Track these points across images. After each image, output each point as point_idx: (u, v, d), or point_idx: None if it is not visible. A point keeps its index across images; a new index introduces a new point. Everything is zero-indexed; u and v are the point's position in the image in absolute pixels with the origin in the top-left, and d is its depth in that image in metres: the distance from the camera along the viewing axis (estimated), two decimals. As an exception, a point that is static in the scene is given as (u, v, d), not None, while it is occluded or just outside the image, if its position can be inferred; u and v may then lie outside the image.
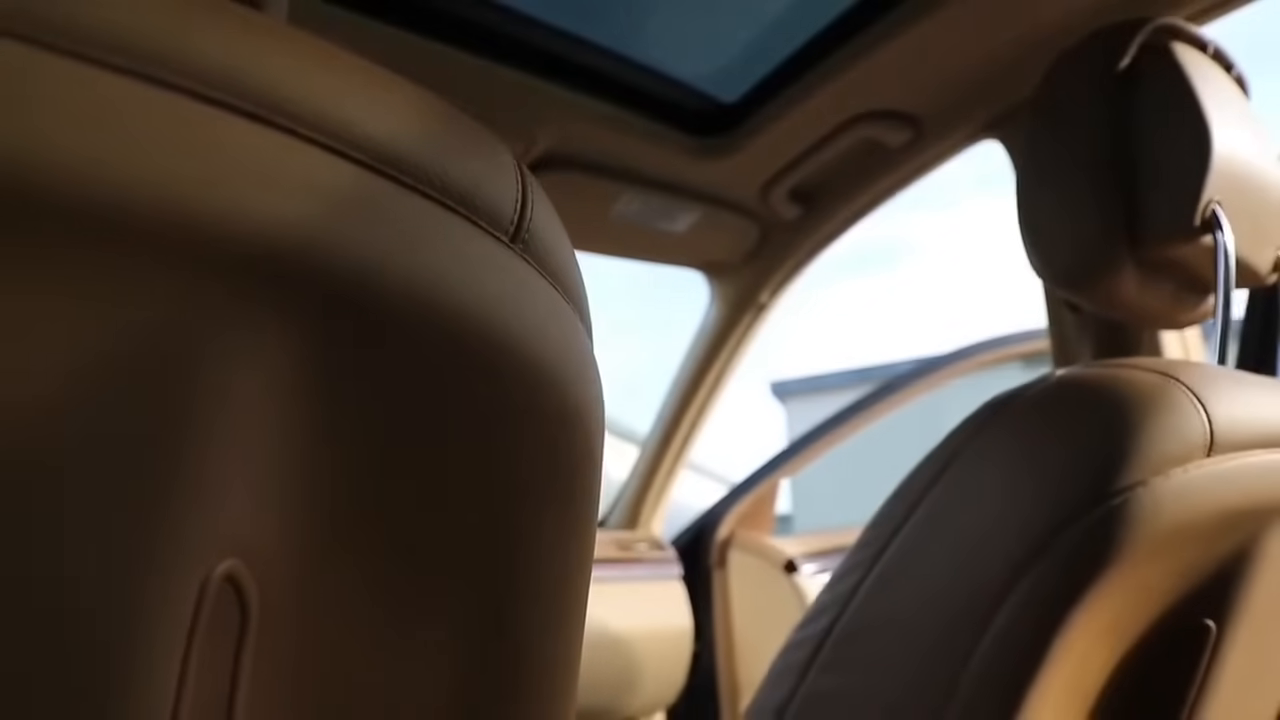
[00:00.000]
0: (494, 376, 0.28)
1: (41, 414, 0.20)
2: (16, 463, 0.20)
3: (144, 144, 0.21)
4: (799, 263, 1.36)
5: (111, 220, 0.21)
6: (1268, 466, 0.54)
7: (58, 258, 0.20)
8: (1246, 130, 0.68)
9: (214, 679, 0.25)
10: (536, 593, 0.32)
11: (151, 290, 0.21)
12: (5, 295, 0.20)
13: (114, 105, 0.21)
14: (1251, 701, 0.65)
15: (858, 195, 1.22)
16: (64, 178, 0.20)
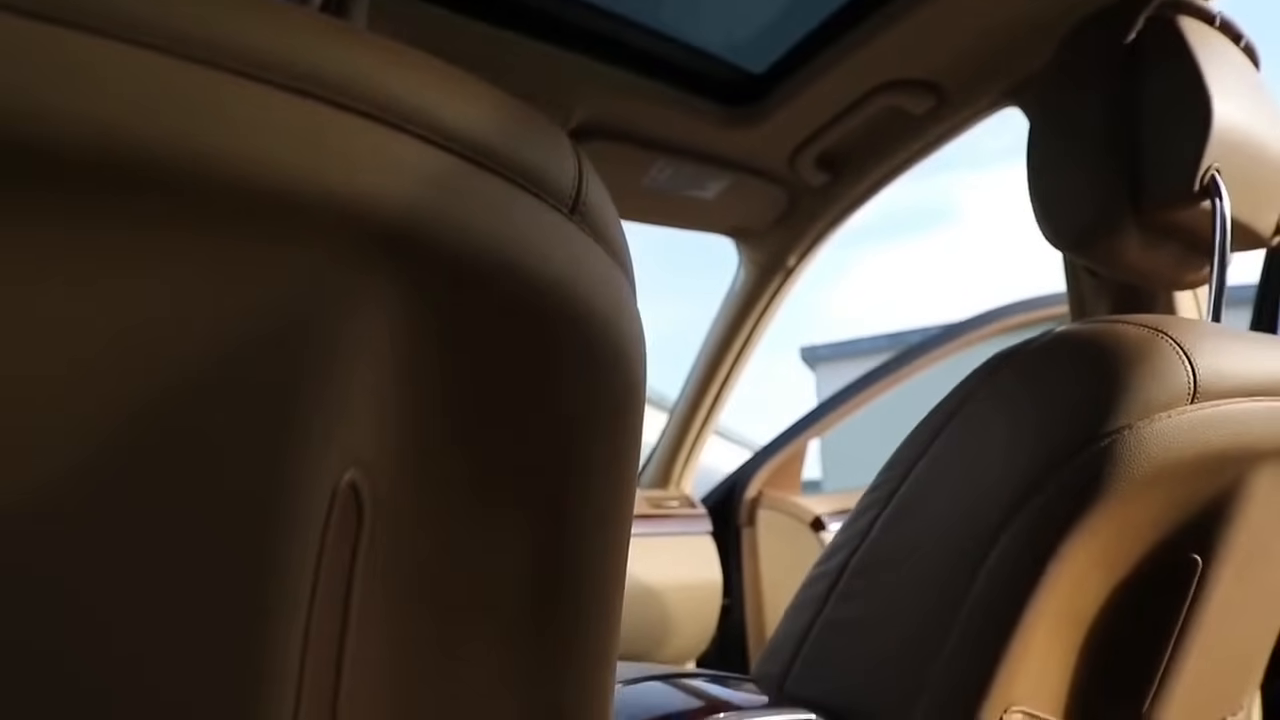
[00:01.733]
0: (557, 327, 0.34)
1: (203, 367, 0.26)
2: (185, 406, 0.26)
3: (282, 142, 0.27)
4: (826, 227, 1.40)
5: (260, 207, 0.26)
6: (1249, 413, 0.59)
7: (213, 240, 0.26)
8: (1251, 99, 0.71)
9: (338, 570, 0.31)
10: (589, 502, 0.38)
11: (288, 263, 0.27)
12: (173, 270, 0.26)
13: (265, 112, 0.27)
14: (1235, 632, 0.70)
15: (883, 161, 1.26)
16: (229, 174, 0.26)
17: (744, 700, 0.61)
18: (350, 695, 0.33)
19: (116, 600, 0.26)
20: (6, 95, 0.21)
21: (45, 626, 0.25)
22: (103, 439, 0.25)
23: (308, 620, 0.30)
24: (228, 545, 0.27)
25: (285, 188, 0.26)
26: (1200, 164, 0.65)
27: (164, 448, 0.26)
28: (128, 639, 0.26)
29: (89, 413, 0.24)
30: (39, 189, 0.22)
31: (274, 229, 0.26)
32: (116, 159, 0.23)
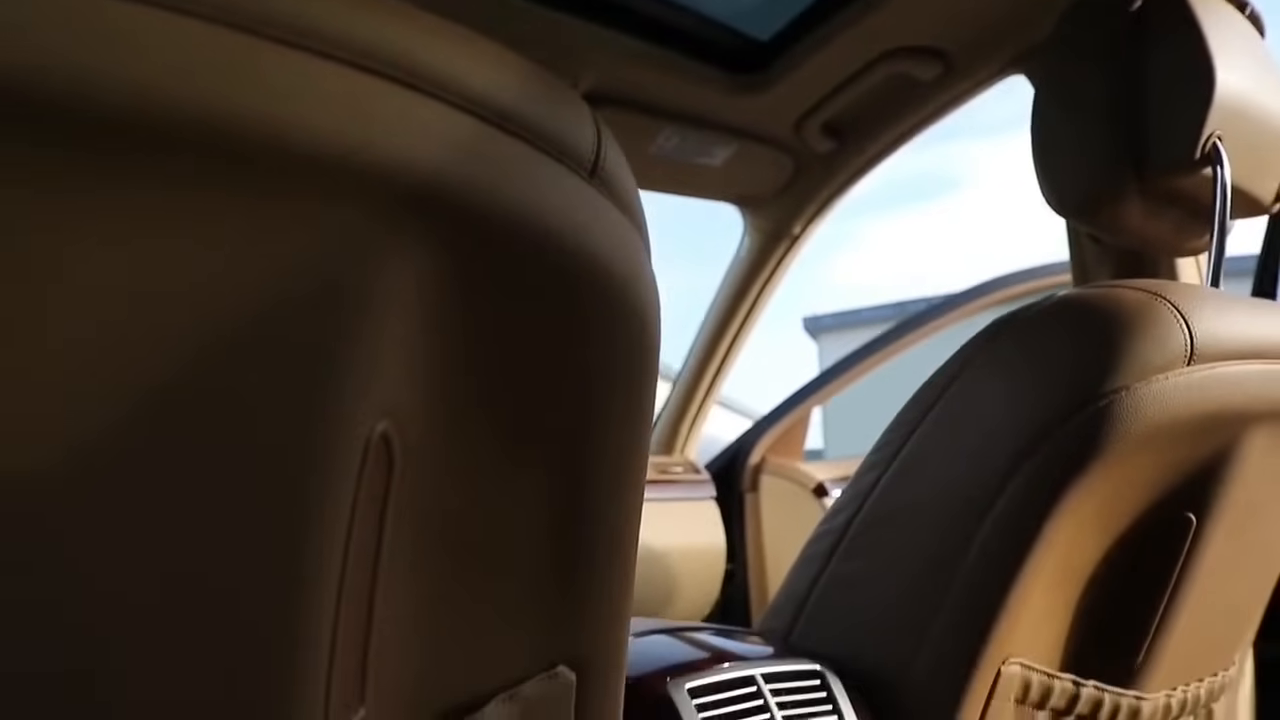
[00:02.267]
0: (577, 286, 0.35)
1: (238, 325, 0.28)
2: (221, 364, 0.27)
3: (315, 106, 0.28)
4: (832, 195, 1.41)
5: (294, 169, 0.28)
6: (1244, 375, 0.60)
7: (248, 202, 0.27)
8: (1255, 66, 0.72)
9: (370, 518, 0.33)
10: (606, 459, 0.40)
11: (321, 224, 0.28)
12: (208, 231, 0.27)
13: (299, 77, 0.28)
14: (1227, 590, 0.72)
15: (889, 128, 1.26)
16: (263, 137, 0.27)
17: (749, 651, 0.63)
18: (379, 638, 0.35)
19: (157, 554, 0.27)
20: (47, 60, 0.22)
21: (86, 581, 0.26)
22: (139, 397, 0.26)
23: (343, 567, 0.32)
24: (266, 496, 0.29)
25: (318, 150, 0.28)
26: (1202, 131, 0.66)
27: (200, 405, 0.27)
28: (168, 591, 0.28)
29: (125, 371, 0.26)
30: (77, 150, 0.24)
31: (307, 190, 0.28)
32: (152, 121, 0.24)
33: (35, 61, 0.22)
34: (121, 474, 0.26)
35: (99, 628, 0.27)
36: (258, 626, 0.30)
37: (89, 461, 0.25)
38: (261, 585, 0.30)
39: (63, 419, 0.25)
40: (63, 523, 0.25)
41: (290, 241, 0.28)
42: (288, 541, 0.30)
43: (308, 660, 0.31)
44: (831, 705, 0.59)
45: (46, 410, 0.25)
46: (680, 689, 0.54)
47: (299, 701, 0.31)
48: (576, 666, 0.43)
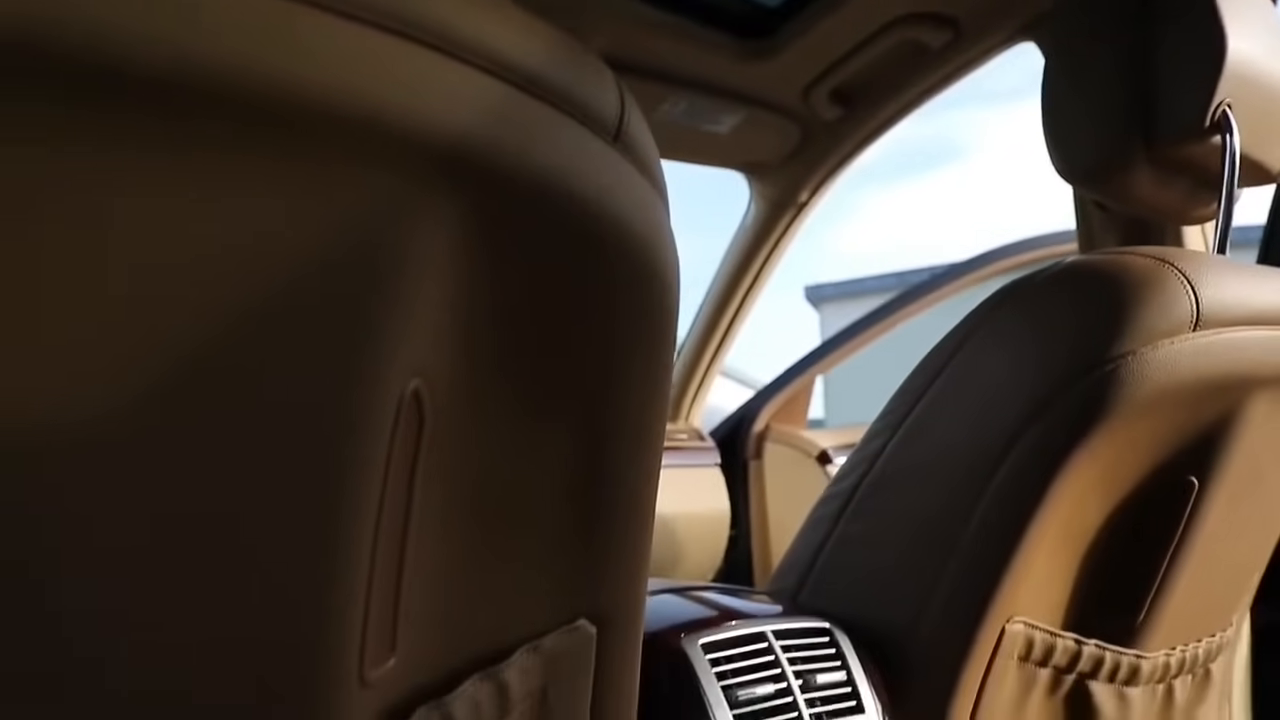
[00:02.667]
0: (600, 248, 0.36)
1: (283, 285, 0.28)
2: (267, 322, 0.28)
3: (352, 70, 0.29)
4: (839, 162, 1.40)
5: (333, 132, 0.28)
6: (1249, 341, 0.61)
7: (289, 164, 0.28)
8: (1266, 34, 0.72)
9: (402, 474, 0.34)
10: (626, 420, 0.41)
11: (359, 186, 0.29)
12: (256, 195, 0.28)
13: (337, 41, 0.28)
14: (1227, 553, 0.73)
15: (898, 95, 1.26)
16: (301, 100, 0.27)
17: (760, 610, 0.64)
18: (409, 591, 0.36)
19: (199, 509, 0.28)
20: (94, 24, 0.23)
21: (139, 527, 0.27)
22: (184, 355, 0.27)
23: (377, 523, 0.33)
24: (304, 454, 0.30)
25: (357, 114, 0.28)
26: (1213, 99, 0.67)
27: (242, 365, 0.28)
28: (210, 544, 0.29)
29: (169, 330, 0.26)
30: (121, 112, 0.24)
31: (345, 154, 0.28)
32: (195, 84, 0.25)
33: (81, 25, 0.22)
34: (166, 429, 0.27)
35: (147, 577, 0.28)
36: (296, 579, 0.31)
37: (134, 415, 0.26)
38: (300, 540, 0.31)
39: (112, 372, 0.26)
40: (113, 476, 0.26)
41: (328, 204, 0.29)
42: (325, 498, 0.31)
43: (344, 612, 0.32)
44: (840, 661, 0.60)
45: (97, 361, 0.25)
46: (694, 644, 0.55)
47: (336, 652, 0.32)
48: (597, 620, 0.44)
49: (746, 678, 0.55)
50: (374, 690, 0.35)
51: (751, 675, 0.56)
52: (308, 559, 0.31)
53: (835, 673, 0.59)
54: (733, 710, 0.53)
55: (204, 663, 0.29)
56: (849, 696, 0.59)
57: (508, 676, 0.40)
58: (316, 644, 0.32)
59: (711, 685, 0.53)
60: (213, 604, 0.29)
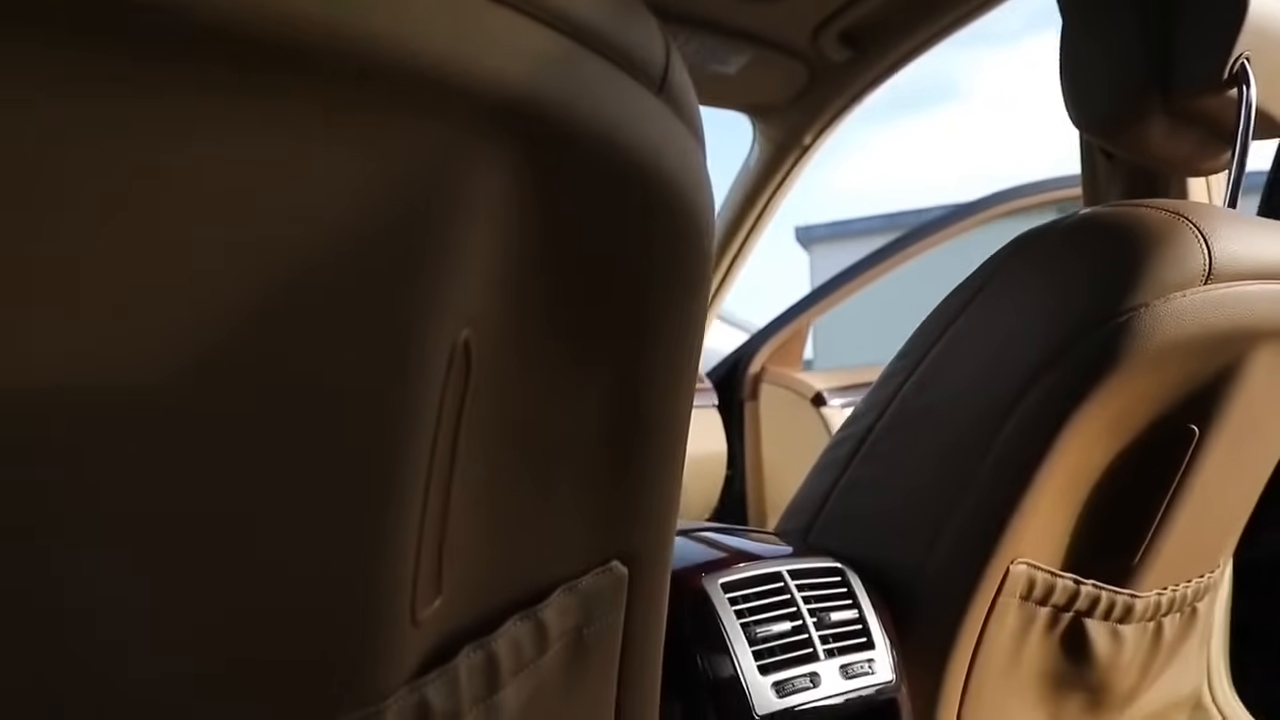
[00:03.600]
0: (645, 198, 0.36)
1: (347, 235, 0.29)
2: (333, 272, 0.29)
3: (414, 20, 0.29)
4: (845, 105, 1.40)
5: (396, 85, 0.29)
6: (1258, 294, 0.62)
7: (350, 116, 0.28)
8: None
9: (451, 416, 0.35)
10: (662, 365, 0.42)
11: (412, 135, 0.29)
12: (310, 145, 0.28)
13: None
14: (1221, 498, 0.76)
15: (907, 38, 1.25)
16: (366, 50, 0.28)
17: (774, 550, 0.66)
18: (454, 534, 0.37)
19: (266, 456, 0.29)
20: None
21: (205, 474, 0.28)
22: (253, 302, 0.28)
23: (429, 469, 0.34)
24: (363, 401, 0.31)
25: (417, 64, 0.28)
26: (1232, 52, 0.67)
27: (306, 313, 0.29)
28: (275, 490, 0.30)
29: (238, 277, 0.27)
30: (183, 63, 0.24)
31: (406, 104, 0.29)
32: (246, 31, 0.25)
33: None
34: (229, 385, 0.27)
35: (218, 520, 0.29)
36: (355, 525, 0.32)
37: (196, 372, 0.27)
38: (357, 488, 0.32)
39: (176, 327, 0.26)
40: (185, 424, 0.27)
41: (384, 155, 0.29)
42: (382, 447, 0.32)
43: (398, 555, 0.34)
44: (851, 600, 0.63)
45: (161, 317, 0.26)
46: (715, 583, 0.57)
47: (391, 593, 0.34)
48: (628, 561, 0.46)
49: (764, 615, 0.58)
50: (423, 630, 0.37)
51: (769, 614, 0.58)
52: (366, 506, 0.32)
53: (847, 610, 0.61)
54: (751, 647, 0.56)
55: (268, 611, 0.31)
56: (860, 633, 0.61)
57: (546, 616, 0.42)
58: (374, 586, 0.33)
59: (731, 623, 0.56)
60: (276, 551, 0.30)
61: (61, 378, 0.25)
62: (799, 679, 0.56)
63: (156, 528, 0.27)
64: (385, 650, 0.35)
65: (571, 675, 0.45)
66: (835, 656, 0.59)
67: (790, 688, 0.56)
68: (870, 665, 0.60)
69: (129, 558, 0.27)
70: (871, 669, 0.60)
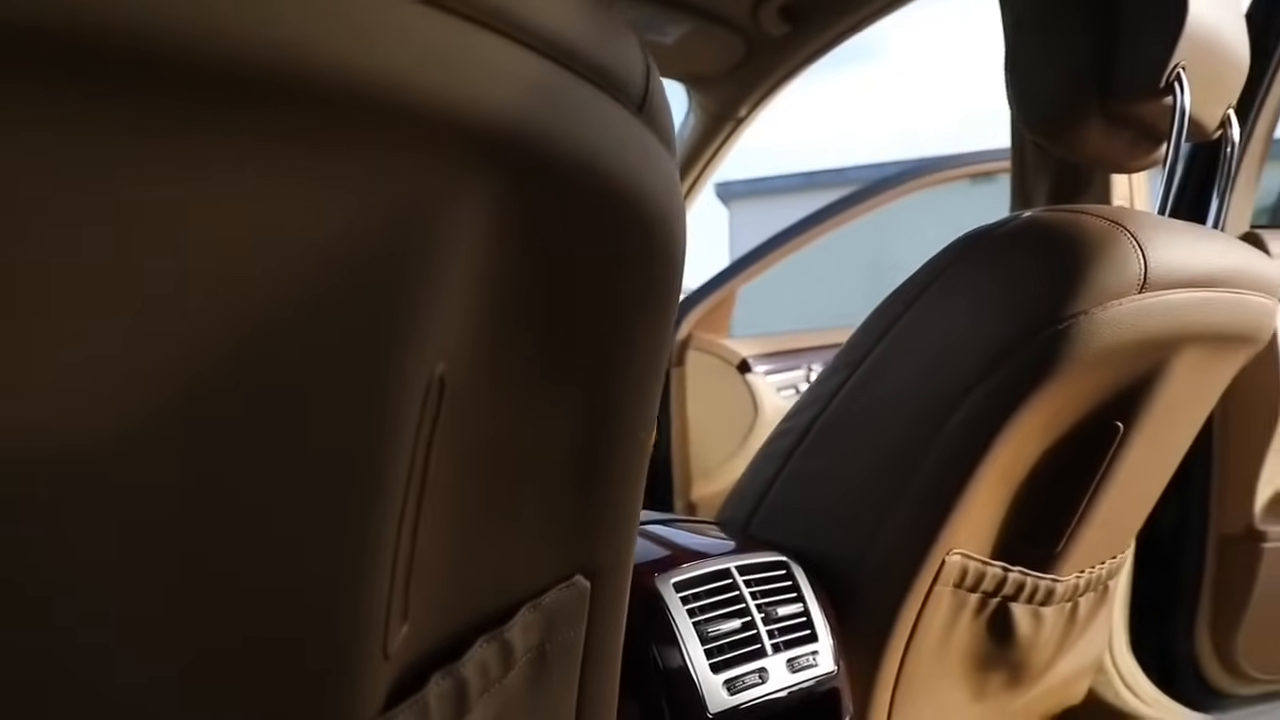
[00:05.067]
0: (622, 222, 0.36)
1: (327, 270, 0.28)
2: (306, 304, 0.28)
3: (399, 48, 0.27)
4: (782, 78, 1.39)
5: (381, 113, 0.27)
6: (1184, 302, 0.65)
7: (328, 149, 0.27)
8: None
9: (422, 444, 0.34)
10: (630, 379, 0.41)
11: (401, 171, 0.28)
12: (292, 179, 0.26)
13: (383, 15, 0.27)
14: (1136, 486, 0.80)
15: (846, 15, 1.25)
16: (350, 82, 0.26)
17: (717, 546, 0.67)
18: (421, 560, 0.36)
19: (251, 487, 0.28)
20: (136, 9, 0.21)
21: (190, 515, 0.27)
22: (228, 347, 0.26)
23: (404, 500, 0.33)
24: (345, 435, 0.30)
25: (396, 94, 0.27)
26: (1169, 62, 0.69)
27: (290, 347, 0.28)
28: (253, 532, 0.29)
29: (215, 321, 0.26)
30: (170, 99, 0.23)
31: (390, 135, 0.27)
32: (230, 68, 0.23)
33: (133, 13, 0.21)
34: (209, 424, 0.26)
35: (201, 549, 0.28)
36: (332, 565, 0.31)
37: (177, 410, 0.26)
38: (335, 526, 0.31)
39: (156, 365, 0.25)
40: (166, 467, 0.26)
41: (372, 189, 0.28)
42: (361, 485, 0.31)
43: (375, 591, 0.33)
44: (796, 594, 0.64)
45: (141, 356, 0.25)
46: (667, 584, 0.58)
47: (366, 629, 0.33)
48: (590, 574, 0.46)
49: (715, 613, 0.58)
50: (392, 661, 0.36)
51: (719, 611, 0.59)
52: (344, 545, 0.31)
53: (793, 604, 0.63)
54: (703, 645, 0.56)
55: (241, 652, 0.30)
56: (804, 626, 0.63)
57: (511, 636, 0.42)
58: (351, 623, 0.33)
59: (684, 622, 0.56)
60: (251, 594, 0.29)
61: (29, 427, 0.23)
62: (749, 675, 0.58)
63: (135, 568, 0.26)
64: (359, 685, 0.34)
65: (535, 689, 0.45)
66: (782, 651, 0.61)
67: (741, 684, 0.57)
68: (814, 658, 0.62)
69: (106, 599, 0.26)
70: (815, 661, 0.62)
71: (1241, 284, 0.71)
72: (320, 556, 0.31)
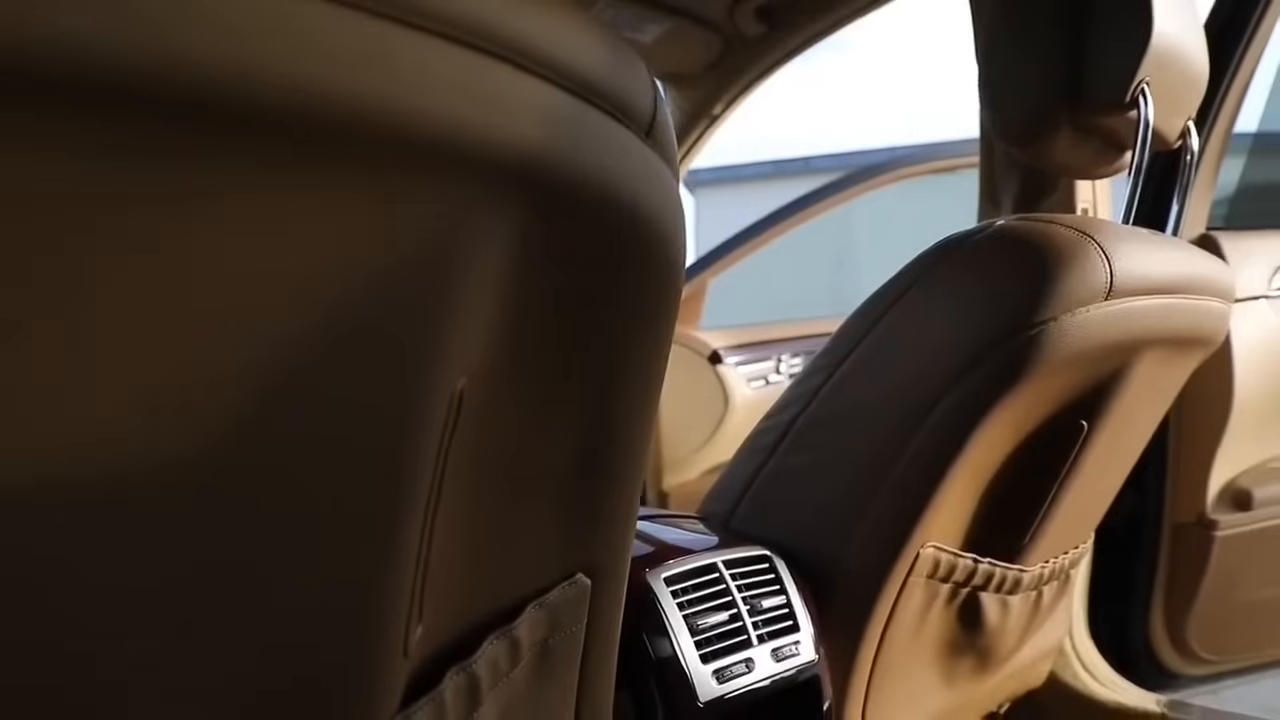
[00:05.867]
0: (632, 240, 0.37)
1: (359, 294, 0.29)
2: (344, 329, 0.29)
3: (433, 88, 0.29)
4: (756, 77, 1.42)
5: (413, 150, 0.29)
6: (1146, 308, 0.69)
7: (366, 176, 0.28)
8: (1182, 12, 0.78)
9: (441, 456, 0.36)
10: (632, 388, 0.43)
11: (430, 199, 0.30)
12: (345, 211, 0.28)
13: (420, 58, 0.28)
14: (1098, 481, 0.84)
15: (822, 15, 1.27)
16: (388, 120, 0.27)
17: (702, 541, 0.70)
18: (434, 563, 0.38)
19: (285, 499, 0.30)
20: (172, 45, 0.22)
21: (232, 515, 0.29)
22: (267, 371, 0.28)
23: (425, 510, 0.35)
24: (374, 457, 0.32)
25: (433, 129, 0.29)
26: (1135, 78, 0.72)
27: (323, 376, 0.29)
28: (301, 533, 0.31)
29: (259, 337, 0.27)
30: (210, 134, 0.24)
31: (420, 168, 0.29)
32: (277, 104, 0.25)
33: (162, 47, 0.22)
34: (252, 436, 0.28)
35: (245, 560, 0.29)
36: (362, 570, 0.33)
37: (216, 434, 0.27)
38: (364, 535, 0.33)
39: (199, 388, 0.27)
40: (207, 488, 0.28)
41: (403, 217, 0.29)
42: (392, 491, 0.33)
43: (399, 595, 0.35)
44: (779, 586, 0.67)
45: (187, 378, 0.26)
46: (658, 578, 0.60)
47: (391, 631, 0.35)
48: (591, 572, 0.48)
49: (703, 606, 0.61)
50: (410, 659, 0.38)
51: (707, 604, 0.61)
52: (373, 553, 0.33)
53: (776, 597, 0.66)
54: (693, 637, 0.59)
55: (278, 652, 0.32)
56: (787, 617, 0.66)
57: (519, 632, 0.44)
58: (377, 626, 0.35)
59: (675, 615, 0.59)
60: (289, 603, 0.31)
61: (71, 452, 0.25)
62: (736, 665, 0.60)
63: (174, 582, 0.28)
64: (383, 684, 0.36)
65: (540, 681, 0.47)
66: (766, 641, 0.63)
67: (729, 674, 0.60)
68: (797, 647, 0.65)
69: (145, 606, 0.28)
70: (798, 650, 0.65)
71: (1198, 290, 0.75)
72: (354, 564, 0.33)
